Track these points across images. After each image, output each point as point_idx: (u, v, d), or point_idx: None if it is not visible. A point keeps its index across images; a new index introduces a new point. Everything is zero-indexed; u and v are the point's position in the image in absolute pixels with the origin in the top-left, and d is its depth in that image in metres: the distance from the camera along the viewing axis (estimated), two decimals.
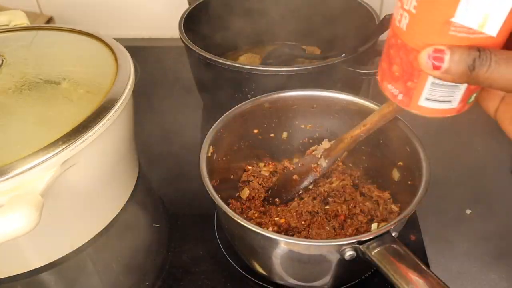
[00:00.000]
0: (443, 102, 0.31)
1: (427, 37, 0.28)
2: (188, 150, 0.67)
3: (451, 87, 0.30)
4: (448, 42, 0.27)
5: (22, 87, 0.50)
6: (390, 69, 0.33)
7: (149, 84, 0.82)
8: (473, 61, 0.26)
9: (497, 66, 0.26)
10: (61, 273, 0.51)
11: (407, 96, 0.32)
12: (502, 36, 0.27)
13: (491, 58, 0.26)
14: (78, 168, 0.46)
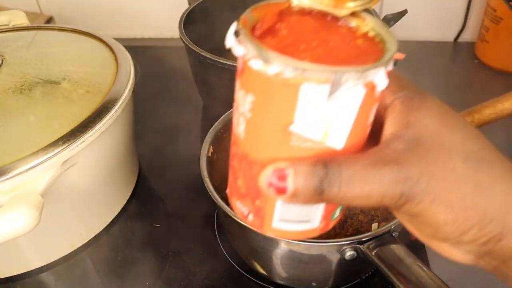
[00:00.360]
0: (301, 222, 0.25)
1: (267, 148, 0.22)
2: (188, 150, 0.67)
3: (306, 207, 0.24)
4: (292, 154, 0.22)
5: (22, 87, 0.50)
6: (235, 184, 0.26)
7: (149, 84, 0.82)
8: (320, 183, 0.21)
9: (350, 185, 0.21)
10: (61, 273, 0.51)
11: (258, 216, 0.25)
12: (354, 141, 0.22)
13: (341, 176, 0.21)
14: (78, 168, 0.46)
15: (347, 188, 0.21)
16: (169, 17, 0.79)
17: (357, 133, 0.22)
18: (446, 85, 0.80)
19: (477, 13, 0.85)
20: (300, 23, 0.23)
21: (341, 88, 0.20)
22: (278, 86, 0.20)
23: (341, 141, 0.21)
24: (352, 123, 0.21)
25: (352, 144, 0.22)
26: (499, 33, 0.78)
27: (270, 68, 0.20)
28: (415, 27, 0.84)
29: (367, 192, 0.21)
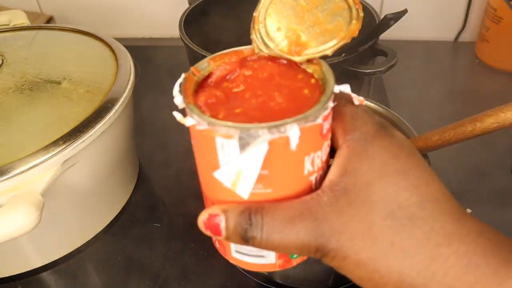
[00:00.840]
0: (255, 257, 0.26)
1: (207, 189, 0.25)
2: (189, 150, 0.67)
3: None
4: (226, 197, 0.24)
5: (22, 87, 0.50)
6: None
7: (149, 84, 0.82)
8: (244, 232, 0.23)
9: (270, 236, 0.22)
10: (61, 273, 0.51)
11: (221, 245, 0.28)
12: (284, 187, 0.23)
13: (262, 228, 0.22)
14: (78, 167, 0.46)
15: (268, 239, 0.22)
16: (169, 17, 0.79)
17: (284, 181, 0.23)
18: (447, 85, 0.80)
19: (477, 13, 0.85)
20: (259, 70, 0.26)
21: (250, 144, 0.21)
22: (199, 136, 0.23)
23: (246, 192, 0.22)
24: (257, 174, 0.22)
25: (285, 192, 0.23)
26: (500, 33, 0.78)
27: (188, 120, 0.23)
28: (415, 26, 0.84)
29: (286, 244, 0.22)
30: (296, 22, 0.26)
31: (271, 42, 0.26)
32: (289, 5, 0.26)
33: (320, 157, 0.24)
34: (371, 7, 0.70)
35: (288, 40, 0.26)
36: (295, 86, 0.25)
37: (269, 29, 0.26)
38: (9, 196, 0.40)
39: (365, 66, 0.60)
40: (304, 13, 0.26)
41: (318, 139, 0.23)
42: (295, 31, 0.26)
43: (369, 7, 0.70)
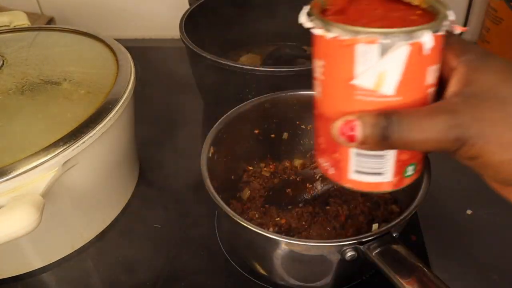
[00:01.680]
0: (374, 174, 0.29)
1: (338, 104, 0.27)
2: (189, 151, 0.67)
3: (377, 157, 0.28)
4: (358, 108, 0.26)
5: (23, 88, 0.50)
6: (318, 142, 0.31)
7: (150, 85, 0.82)
8: (383, 130, 0.25)
9: (408, 131, 0.25)
10: (62, 274, 0.51)
11: (337, 169, 0.30)
12: (412, 96, 0.26)
13: (400, 124, 0.25)
14: (79, 168, 0.46)
15: (407, 134, 0.25)
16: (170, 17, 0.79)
17: (413, 88, 0.26)
18: None
19: (478, 14, 0.85)
20: (366, 5, 0.28)
21: (390, 48, 0.24)
22: (338, 48, 0.25)
23: (391, 89, 0.25)
24: (401, 74, 0.25)
25: (412, 99, 0.26)
26: (500, 34, 0.78)
27: (330, 33, 0.25)
28: None
29: (425, 138, 0.25)
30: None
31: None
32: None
33: (436, 72, 0.27)
34: None
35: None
36: (404, 14, 0.27)
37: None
38: (9, 197, 0.40)
39: None
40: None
41: (440, 52, 0.26)
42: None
43: None
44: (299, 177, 0.53)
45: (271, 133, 0.57)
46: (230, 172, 0.55)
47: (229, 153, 0.53)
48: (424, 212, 0.56)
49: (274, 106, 0.55)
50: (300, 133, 0.57)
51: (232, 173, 0.56)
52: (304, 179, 0.52)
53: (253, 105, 0.53)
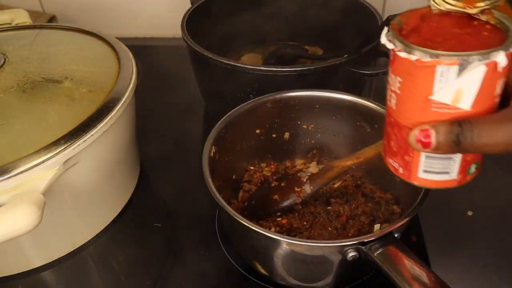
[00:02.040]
0: (441, 173, 0.33)
1: (414, 115, 0.31)
2: (190, 150, 0.67)
3: (445, 159, 0.32)
4: (433, 118, 0.30)
5: (24, 86, 0.50)
6: (389, 145, 0.35)
7: (151, 84, 0.82)
8: (456, 137, 0.28)
9: (480, 137, 0.28)
10: (62, 272, 0.51)
11: (407, 169, 0.34)
12: (482, 106, 0.29)
13: (472, 131, 0.28)
14: (79, 167, 0.46)
15: (478, 139, 0.28)
16: (172, 16, 0.79)
17: (484, 100, 0.29)
18: None
19: None
20: (438, 22, 0.31)
21: (467, 68, 0.27)
22: (420, 69, 0.28)
23: (468, 104, 0.29)
24: (477, 91, 0.28)
25: (481, 109, 0.29)
26: None
27: (413, 56, 0.28)
28: None
29: (494, 141, 0.28)
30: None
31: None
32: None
33: (503, 83, 0.30)
34: (374, 8, 0.70)
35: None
36: (475, 31, 0.30)
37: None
38: (10, 195, 0.40)
39: (367, 67, 0.60)
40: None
41: (507, 67, 0.29)
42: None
43: (371, 8, 0.70)
44: (284, 182, 0.52)
45: (273, 133, 0.57)
46: (231, 172, 0.55)
47: (230, 152, 0.53)
48: (425, 213, 0.56)
49: (276, 106, 0.55)
50: (301, 133, 0.57)
51: (233, 172, 0.56)
52: (287, 184, 0.52)
53: (254, 105, 0.53)
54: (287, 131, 0.57)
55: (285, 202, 0.50)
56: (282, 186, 0.52)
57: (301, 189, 0.50)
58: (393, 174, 0.36)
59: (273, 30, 0.82)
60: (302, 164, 0.57)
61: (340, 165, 0.48)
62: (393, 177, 0.51)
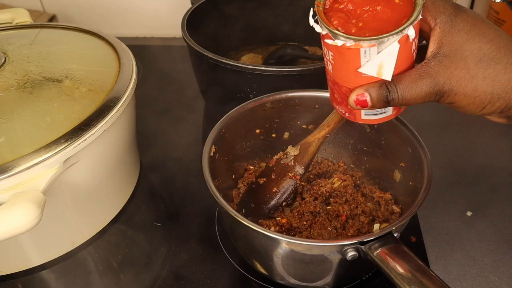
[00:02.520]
0: (380, 114, 0.40)
1: (348, 80, 0.37)
2: (190, 150, 0.67)
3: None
4: (365, 81, 0.36)
5: (24, 85, 0.50)
6: (334, 96, 0.41)
7: (151, 83, 0.82)
8: (386, 97, 0.36)
9: (404, 94, 0.35)
10: (61, 271, 0.51)
11: (351, 114, 0.41)
12: (403, 68, 0.36)
13: (397, 90, 0.35)
14: (79, 166, 0.46)
15: (403, 96, 0.35)
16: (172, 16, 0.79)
17: (403, 64, 0.35)
18: None
19: None
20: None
21: (384, 46, 0.33)
22: (345, 50, 0.34)
23: (389, 75, 0.35)
24: (395, 61, 0.34)
25: (403, 69, 0.36)
26: None
27: (339, 41, 0.34)
28: None
29: (416, 96, 0.35)
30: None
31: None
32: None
33: (417, 39, 0.35)
34: None
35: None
36: (388, 3, 0.35)
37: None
38: (10, 194, 0.40)
39: None
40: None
41: (418, 29, 0.35)
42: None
43: None
44: (274, 174, 0.52)
45: (272, 132, 0.57)
46: (231, 171, 0.55)
47: (230, 152, 0.53)
48: (424, 213, 0.56)
49: (276, 106, 0.55)
50: (301, 133, 0.57)
51: (233, 172, 0.56)
52: (278, 174, 0.51)
53: (254, 105, 0.53)
54: (287, 131, 0.57)
55: (287, 189, 0.51)
56: (273, 178, 0.51)
57: (294, 173, 0.50)
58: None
59: (273, 30, 0.82)
60: (279, 154, 0.56)
61: (316, 138, 0.49)
62: (393, 177, 0.52)
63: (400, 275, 0.36)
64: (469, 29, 0.34)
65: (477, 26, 0.34)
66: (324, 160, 0.59)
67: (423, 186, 0.43)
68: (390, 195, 0.52)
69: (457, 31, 0.34)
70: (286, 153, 0.51)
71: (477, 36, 0.34)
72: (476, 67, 0.34)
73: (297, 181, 0.50)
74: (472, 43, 0.34)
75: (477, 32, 0.34)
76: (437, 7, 0.35)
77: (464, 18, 0.34)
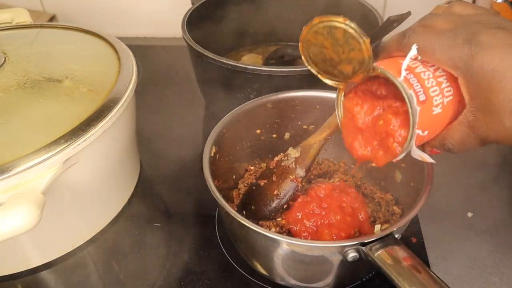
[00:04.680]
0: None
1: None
2: (190, 150, 0.67)
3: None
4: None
5: (24, 85, 0.50)
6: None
7: (152, 83, 0.82)
8: (448, 151, 0.37)
9: (460, 149, 0.36)
10: (61, 272, 0.51)
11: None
12: (447, 123, 0.36)
13: (454, 148, 0.36)
14: (79, 166, 0.46)
15: (460, 151, 0.37)
16: (172, 16, 0.79)
17: (442, 124, 0.36)
18: None
19: None
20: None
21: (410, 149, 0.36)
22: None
23: (431, 160, 0.37)
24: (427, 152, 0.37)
25: (447, 123, 0.36)
26: None
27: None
28: None
29: (468, 149, 0.36)
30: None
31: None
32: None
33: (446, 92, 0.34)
34: (374, 9, 0.70)
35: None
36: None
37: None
38: (10, 194, 0.40)
39: None
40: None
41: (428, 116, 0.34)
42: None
43: (372, 9, 0.70)
44: (275, 176, 0.51)
45: (273, 133, 0.57)
46: (231, 172, 0.55)
47: (230, 152, 0.53)
48: (425, 214, 0.56)
49: (276, 106, 0.54)
50: (301, 133, 0.57)
51: (233, 172, 0.56)
52: (279, 177, 0.51)
53: (255, 105, 0.53)
54: (287, 131, 0.57)
55: (287, 192, 0.50)
56: (274, 180, 0.51)
57: (295, 176, 0.50)
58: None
59: (274, 31, 0.82)
60: (280, 156, 0.56)
61: (318, 140, 0.49)
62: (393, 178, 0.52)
63: (401, 276, 0.35)
64: (490, 78, 0.31)
65: (495, 70, 0.31)
66: (324, 160, 0.59)
67: (423, 187, 0.43)
68: (391, 196, 0.52)
69: (479, 82, 0.32)
70: (287, 155, 0.51)
71: (499, 84, 0.31)
72: (509, 120, 0.31)
73: (298, 184, 0.50)
74: (498, 94, 0.31)
75: (498, 80, 0.31)
76: (450, 58, 0.33)
77: (481, 64, 0.31)
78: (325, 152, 0.59)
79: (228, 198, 0.53)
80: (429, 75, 0.34)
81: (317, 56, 0.38)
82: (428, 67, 0.34)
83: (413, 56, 0.34)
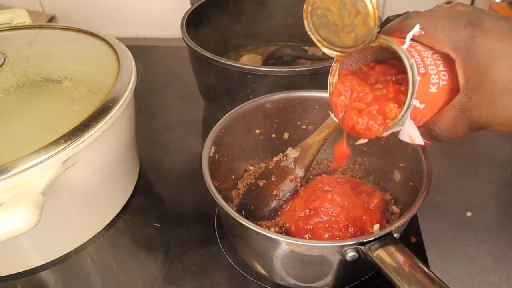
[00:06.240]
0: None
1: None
2: (189, 150, 0.67)
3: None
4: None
5: (23, 86, 0.50)
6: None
7: (151, 84, 0.82)
8: (434, 139, 0.37)
9: (448, 135, 0.36)
10: (61, 272, 0.51)
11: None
12: (439, 107, 0.36)
13: (442, 134, 0.36)
14: (79, 167, 0.46)
15: (447, 137, 0.37)
16: (171, 17, 0.79)
17: (435, 106, 0.36)
18: None
19: None
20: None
21: (402, 124, 0.36)
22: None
23: (420, 141, 0.36)
24: (416, 129, 0.36)
25: (440, 107, 0.36)
26: None
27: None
28: None
29: (457, 135, 0.37)
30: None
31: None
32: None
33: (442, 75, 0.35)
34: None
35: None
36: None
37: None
38: (9, 194, 0.40)
39: None
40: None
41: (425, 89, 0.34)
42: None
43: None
44: (274, 176, 0.52)
45: (272, 133, 0.57)
46: (230, 172, 0.55)
47: (230, 152, 0.53)
48: (424, 213, 0.56)
49: (275, 106, 0.55)
50: (300, 133, 0.57)
51: (233, 172, 0.56)
52: (278, 177, 0.51)
53: (254, 105, 0.53)
54: (287, 131, 0.57)
55: (287, 192, 0.50)
56: (273, 180, 0.51)
57: (294, 176, 0.50)
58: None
59: (273, 31, 0.82)
60: (279, 156, 0.56)
61: (317, 140, 0.49)
62: (392, 178, 0.52)
63: (400, 275, 0.36)
64: (487, 57, 0.32)
65: (493, 50, 0.32)
66: (323, 160, 0.59)
67: (422, 187, 0.43)
68: (390, 196, 0.52)
69: (476, 62, 0.33)
70: (286, 155, 0.51)
71: (496, 63, 0.32)
72: (503, 100, 0.33)
73: (297, 184, 0.50)
74: (494, 73, 0.32)
75: (495, 59, 0.32)
76: (451, 38, 0.34)
77: (480, 44, 0.33)
78: (324, 152, 0.59)
79: (227, 198, 0.53)
80: (428, 55, 0.34)
81: (320, 20, 0.38)
82: (428, 50, 0.35)
83: (416, 32, 0.34)
